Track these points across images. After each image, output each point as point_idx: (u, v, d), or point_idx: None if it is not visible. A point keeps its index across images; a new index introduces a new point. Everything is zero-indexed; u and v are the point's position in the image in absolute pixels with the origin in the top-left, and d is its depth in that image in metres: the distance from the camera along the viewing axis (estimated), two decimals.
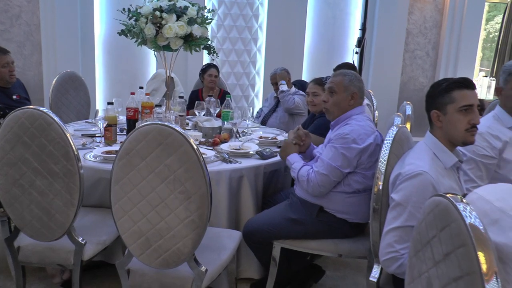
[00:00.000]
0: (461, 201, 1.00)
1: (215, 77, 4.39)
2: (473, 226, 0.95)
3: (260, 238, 2.38)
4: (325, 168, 2.25)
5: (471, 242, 0.93)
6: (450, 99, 1.75)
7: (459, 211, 0.98)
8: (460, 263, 0.96)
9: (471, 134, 1.76)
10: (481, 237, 0.93)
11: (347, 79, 2.41)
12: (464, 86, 1.75)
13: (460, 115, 1.74)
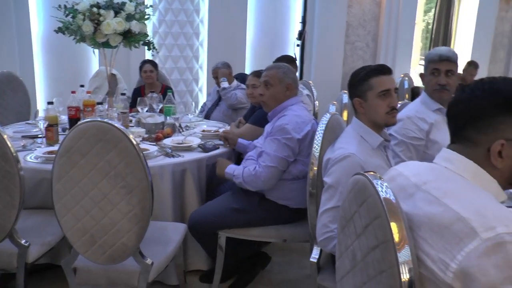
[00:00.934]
0: (378, 178, 1.10)
1: (150, 72, 4.40)
2: (386, 200, 1.04)
3: (205, 229, 2.43)
4: (272, 160, 2.33)
5: (384, 213, 1.02)
6: (369, 86, 1.87)
7: (375, 187, 1.07)
8: (376, 233, 1.06)
9: (391, 116, 1.89)
10: (393, 209, 1.03)
11: (281, 71, 2.49)
12: (381, 73, 1.87)
13: (379, 100, 1.86)
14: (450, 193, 1.06)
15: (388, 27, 6.52)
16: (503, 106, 1.08)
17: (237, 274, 2.73)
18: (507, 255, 0.92)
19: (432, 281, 1.03)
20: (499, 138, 1.07)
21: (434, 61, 2.38)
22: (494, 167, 1.09)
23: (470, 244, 0.95)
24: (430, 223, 1.04)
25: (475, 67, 5.84)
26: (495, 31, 7.61)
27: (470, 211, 0.99)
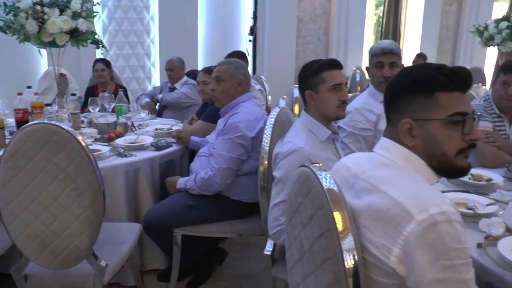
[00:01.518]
0: (321, 169, 1.14)
1: (102, 71, 4.33)
2: (329, 190, 1.08)
3: (160, 227, 2.42)
4: (226, 161, 2.35)
5: (328, 203, 1.06)
6: (321, 80, 1.91)
7: (318, 178, 1.11)
8: (320, 222, 1.09)
9: (342, 109, 1.95)
10: (336, 199, 1.07)
11: (233, 67, 2.51)
12: (333, 67, 1.92)
13: (331, 93, 1.91)
14: (386, 180, 1.12)
15: (339, 21, 6.65)
16: (410, 87, 1.17)
17: (194, 272, 2.73)
18: (440, 233, 0.98)
19: (376, 266, 1.07)
20: (407, 117, 1.16)
21: (377, 55, 2.46)
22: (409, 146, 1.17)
23: (407, 227, 1.01)
24: (370, 210, 1.09)
25: (423, 59, 6.04)
26: (441, 24, 7.90)
27: (405, 196, 1.04)
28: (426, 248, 0.98)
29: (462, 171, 1.21)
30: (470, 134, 1.16)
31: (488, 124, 2.60)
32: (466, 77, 1.16)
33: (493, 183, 2.13)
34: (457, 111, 1.14)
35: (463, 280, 0.99)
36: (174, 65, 4.39)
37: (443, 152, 1.16)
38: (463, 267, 0.99)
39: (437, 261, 0.98)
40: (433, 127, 1.15)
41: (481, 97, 2.78)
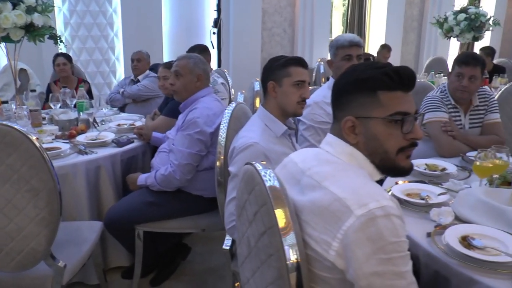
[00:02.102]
0: (264, 167, 1.16)
1: (63, 65, 4.23)
2: (271, 188, 1.10)
3: (122, 225, 2.41)
4: (185, 157, 2.35)
5: (270, 201, 1.08)
6: (286, 73, 1.93)
7: (261, 176, 1.13)
8: (263, 219, 1.11)
9: (300, 106, 1.97)
10: (278, 196, 1.08)
11: (192, 61, 2.50)
12: (299, 64, 1.95)
13: (294, 88, 1.93)
14: (329, 176, 1.14)
15: (304, 13, 6.67)
16: (354, 85, 1.20)
17: (157, 268, 2.72)
18: (378, 228, 1.01)
19: (318, 260, 1.10)
20: (350, 115, 1.19)
21: (345, 47, 2.50)
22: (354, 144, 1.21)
23: (346, 222, 1.03)
24: (312, 206, 1.11)
25: (388, 50, 6.13)
26: (405, 15, 8.02)
27: (346, 191, 1.07)
28: (365, 242, 1.01)
29: (404, 171, 1.23)
30: (411, 133, 1.18)
31: (445, 115, 2.66)
32: (409, 77, 1.18)
33: (447, 173, 2.19)
34: (398, 110, 1.16)
35: (400, 272, 1.02)
36: (143, 56, 4.34)
37: (384, 149, 1.18)
38: (400, 260, 1.02)
39: (374, 255, 1.01)
40: (375, 125, 1.17)
41: (437, 88, 2.85)
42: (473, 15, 4.49)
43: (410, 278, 1.04)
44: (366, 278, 1.02)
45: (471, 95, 2.70)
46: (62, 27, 5.20)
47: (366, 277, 1.02)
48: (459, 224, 1.59)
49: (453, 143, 2.59)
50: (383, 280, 1.01)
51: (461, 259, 1.36)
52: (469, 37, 4.60)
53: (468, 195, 1.73)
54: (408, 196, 1.84)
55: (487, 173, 1.90)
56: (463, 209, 1.68)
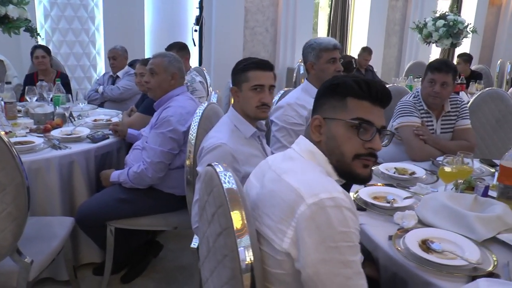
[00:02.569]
0: (223, 169, 1.18)
1: (42, 58, 4.15)
2: (229, 190, 1.13)
3: (93, 221, 2.41)
4: (157, 156, 2.36)
5: (226, 203, 1.11)
6: (245, 78, 1.94)
7: (219, 177, 1.15)
8: (220, 220, 1.14)
9: (261, 111, 1.96)
10: (235, 198, 1.11)
11: (167, 60, 2.51)
12: (259, 68, 1.94)
13: (252, 93, 1.93)
14: (289, 170, 1.20)
15: (287, 13, 6.69)
16: (328, 88, 1.30)
17: (129, 265, 2.72)
18: (328, 217, 1.06)
19: (273, 257, 1.14)
20: (319, 115, 1.29)
21: (329, 50, 2.56)
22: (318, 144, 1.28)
23: (298, 210, 1.08)
24: (271, 198, 1.17)
25: (369, 53, 6.18)
26: (388, 18, 8.10)
27: (301, 183, 1.13)
28: (314, 229, 1.06)
29: (359, 178, 1.28)
30: (370, 142, 1.24)
31: (417, 120, 2.71)
32: (378, 91, 1.24)
33: (415, 177, 2.24)
34: (360, 117, 1.23)
35: (346, 261, 1.07)
36: (118, 53, 4.35)
37: (341, 151, 1.24)
38: (348, 249, 1.07)
39: (323, 243, 1.06)
40: (336, 127, 1.25)
41: (411, 93, 2.89)
42: (451, 21, 4.57)
43: (356, 268, 1.08)
44: (314, 265, 1.06)
45: (443, 101, 2.76)
46: (42, 19, 5.13)
47: (314, 265, 1.06)
48: (421, 228, 1.63)
49: (424, 147, 2.64)
50: (330, 268, 1.06)
51: (418, 262, 1.39)
52: (447, 43, 4.68)
53: (431, 199, 1.77)
54: (374, 199, 1.88)
55: (452, 178, 1.95)
56: (427, 213, 1.72)
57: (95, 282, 2.64)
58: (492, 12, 9.28)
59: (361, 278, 1.09)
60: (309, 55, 2.63)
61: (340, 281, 1.06)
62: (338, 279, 1.06)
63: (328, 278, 1.06)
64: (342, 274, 1.06)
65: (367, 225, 1.68)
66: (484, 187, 1.88)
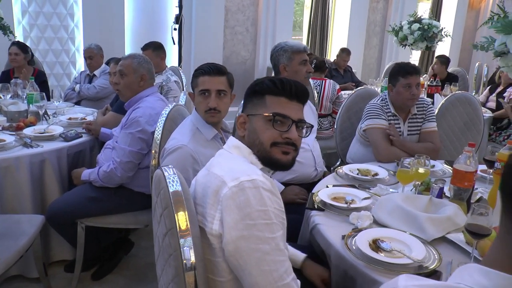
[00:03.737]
0: (171, 172, 1.25)
1: (15, 55, 4.12)
2: (174, 192, 1.20)
3: (63, 219, 2.44)
4: (126, 155, 2.40)
5: (171, 204, 1.18)
6: (195, 84, 2.03)
7: (166, 180, 1.21)
8: (166, 221, 1.21)
9: (209, 115, 2.01)
10: (180, 201, 1.19)
11: (136, 61, 2.55)
12: (207, 73, 2.00)
13: (200, 97, 2.00)
14: (216, 164, 1.35)
15: (267, 13, 6.74)
16: (249, 91, 1.48)
17: (100, 262, 2.76)
18: (246, 197, 1.18)
19: (211, 248, 1.25)
20: (244, 113, 1.45)
21: (301, 52, 2.63)
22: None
23: (222, 193, 1.20)
24: (202, 190, 1.29)
25: (347, 54, 6.26)
26: (368, 20, 8.19)
27: (225, 171, 1.26)
28: (234, 209, 1.18)
29: (279, 163, 1.42)
30: (286, 133, 1.39)
31: (384, 122, 2.79)
32: (291, 87, 1.41)
33: (377, 178, 2.31)
34: (277, 111, 1.39)
35: (264, 238, 1.17)
36: (93, 53, 4.35)
37: (260, 141, 1.39)
38: (265, 226, 1.18)
39: (242, 220, 1.17)
40: (257, 121, 1.41)
41: (378, 96, 2.97)
42: (426, 25, 4.67)
43: (274, 244, 1.18)
44: (234, 242, 1.17)
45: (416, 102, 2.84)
46: (19, 15, 5.11)
47: (234, 241, 1.17)
48: (374, 228, 1.70)
49: (390, 149, 2.72)
50: (249, 243, 1.16)
51: (366, 261, 1.46)
52: (422, 46, 4.78)
53: (387, 200, 1.84)
54: (334, 200, 1.94)
55: (409, 180, 2.02)
56: (382, 214, 1.79)
57: (66, 279, 2.67)
58: (471, 16, 9.44)
59: (280, 255, 1.19)
60: (281, 58, 2.68)
61: (259, 256, 1.16)
62: (257, 254, 1.16)
63: (248, 254, 1.17)
64: (261, 249, 1.16)
65: (323, 225, 1.75)
66: (439, 188, 1.95)
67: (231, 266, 1.22)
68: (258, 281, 1.17)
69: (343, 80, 6.01)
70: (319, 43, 7.67)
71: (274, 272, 1.18)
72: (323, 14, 7.62)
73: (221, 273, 1.26)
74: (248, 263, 1.17)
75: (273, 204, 1.21)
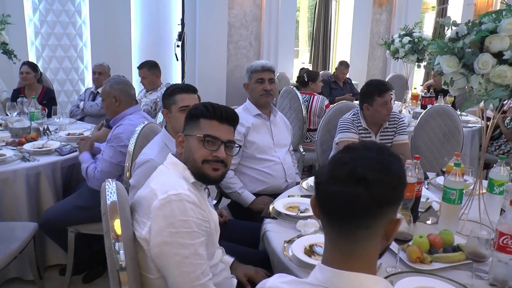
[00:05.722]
0: (112, 185, 1.47)
1: (26, 73, 4.42)
2: (112, 203, 1.45)
3: (55, 226, 2.69)
4: (108, 166, 2.64)
5: (107, 212, 1.41)
6: (173, 101, 2.22)
7: (106, 192, 1.45)
8: (104, 224, 1.46)
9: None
10: (114, 210, 1.42)
11: (108, 86, 2.82)
12: (184, 91, 2.23)
13: (180, 113, 2.18)
14: (154, 178, 1.58)
15: (269, 28, 6.98)
16: (188, 114, 1.68)
17: (91, 266, 2.99)
18: (172, 208, 1.41)
19: (143, 250, 1.47)
20: (183, 133, 1.66)
21: (258, 71, 2.78)
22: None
23: (153, 204, 1.43)
24: (141, 199, 1.53)
25: (346, 66, 6.42)
26: (372, 32, 8.35)
27: (158, 185, 1.49)
28: (161, 218, 1.41)
29: (209, 178, 1.61)
30: (215, 152, 1.59)
31: (354, 136, 2.96)
32: (222, 112, 1.62)
33: None
34: (208, 133, 1.59)
35: (185, 244, 1.41)
36: (104, 70, 4.63)
37: (194, 158, 1.59)
38: (186, 234, 1.41)
39: (166, 228, 1.40)
40: (192, 141, 1.61)
41: (351, 111, 3.14)
42: (416, 38, 4.80)
43: (193, 250, 1.41)
44: (159, 246, 1.41)
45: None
46: (32, 36, 5.45)
47: (159, 245, 1.41)
48: (314, 234, 1.87)
49: None
50: (171, 248, 1.40)
51: (299, 264, 1.65)
52: (413, 59, 4.90)
53: None
54: (288, 209, 2.13)
55: None
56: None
57: (61, 282, 2.90)
58: None
59: (198, 259, 1.42)
60: (246, 76, 2.87)
61: (179, 259, 1.40)
62: (177, 257, 1.40)
63: (170, 257, 1.40)
64: (181, 254, 1.40)
65: (271, 231, 1.94)
66: None
67: (157, 266, 1.45)
68: (178, 280, 1.41)
69: (342, 92, 6.17)
70: (322, 56, 7.85)
71: (191, 274, 1.41)
72: (325, 27, 7.80)
73: (151, 271, 1.48)
74: (170, 265, 1.41)
75: (196, 214, 1.43)
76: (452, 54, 1.94)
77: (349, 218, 0.95)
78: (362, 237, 0.96)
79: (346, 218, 0.96)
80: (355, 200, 0.92)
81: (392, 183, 0.94)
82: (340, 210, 0.95)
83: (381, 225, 0.97)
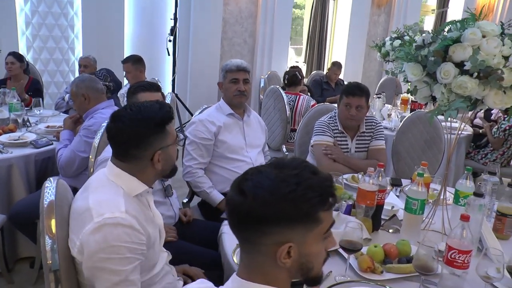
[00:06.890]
0: (52, 184, 1.46)
1: (11, 64, 4.42)
2: (49, 202, 1.44)
3: (24, 219, 2.66)
4: (69, 154, 2.69)
5: (43, 212, 1.42)
6: (135, 99, 2.21)
7: (44, 190, 1.47)
8: (41, 223, 1.44)
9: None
10: (51, 209, 1.42)
11: (74, 86, 2.86)
12: (146, 90, 2.23)
13: None
14: (92, 189, 1.48)
15: (265, 25, 6.94)
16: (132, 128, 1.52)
17: None
18: (105, 233, 1.33)
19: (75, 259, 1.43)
20: (156, 150, 1.51)
21: (232, 71, 2.73)
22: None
23: (87, 226, 1.36)
24: (75, 213, 1.46)
25: (338, 67, 6.40)
26: (369, 33, 8.30)
27: (95, 202, 1.41)
28: (92, 243, 1.34)
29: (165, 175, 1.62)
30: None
31: (329, 139, 2.94)
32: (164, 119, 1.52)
33: None
34: (161, 146, 1.51)
35: (115, 270, 1.34)
36: (90, 63, 4.63)
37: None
38: (118, 260, 1.34)
39: (97, 254, 1.33)
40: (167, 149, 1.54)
41: (329, 114, 3.11)
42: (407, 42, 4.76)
43: (124, 276, 1.35)
44: (90, 269, 1.36)
45: (359, 122, 2.98)
46: (23, 26, 5.43)
47: (90, 269, 1.36)
48: None
49: (333, 165, 2.86)
50: (101, 274, 1.34)
51: None
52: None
53: None
54: None
55: None
56: None
57: (31, 274, 2.90)
58: None
59: (128, 285, 1.36)
60: (221, 75, 2.84)
61: (108, 285, 1.34)
62: (107, 284, 1.34)
63: (100, 281, 1.35)
64: (111, 280, 1.34)
65: (227, 234, 1.92)
66: (346, 205, 2.10)
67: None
68: None
69: (333, 93, 6.14)
70: (317, 55, 7.82)
71: None
72: (321, 27, 7.76)
73: (85, 278, 1.44)
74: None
75: (131, 239, 1.36)
76: (417, 62, 1.93)
77: (236, 228, 1.02)
78: (249, 250, 1.02)
79: (235, 228, 1.03)
80: (235, 208, 1.00)
81: (267, 199, 0.96)
82: (230, 217, 1.03)
83: (267, 244, 0.98)
